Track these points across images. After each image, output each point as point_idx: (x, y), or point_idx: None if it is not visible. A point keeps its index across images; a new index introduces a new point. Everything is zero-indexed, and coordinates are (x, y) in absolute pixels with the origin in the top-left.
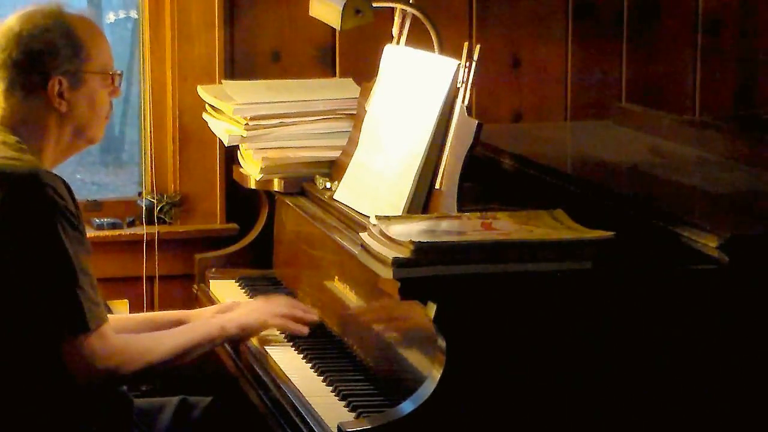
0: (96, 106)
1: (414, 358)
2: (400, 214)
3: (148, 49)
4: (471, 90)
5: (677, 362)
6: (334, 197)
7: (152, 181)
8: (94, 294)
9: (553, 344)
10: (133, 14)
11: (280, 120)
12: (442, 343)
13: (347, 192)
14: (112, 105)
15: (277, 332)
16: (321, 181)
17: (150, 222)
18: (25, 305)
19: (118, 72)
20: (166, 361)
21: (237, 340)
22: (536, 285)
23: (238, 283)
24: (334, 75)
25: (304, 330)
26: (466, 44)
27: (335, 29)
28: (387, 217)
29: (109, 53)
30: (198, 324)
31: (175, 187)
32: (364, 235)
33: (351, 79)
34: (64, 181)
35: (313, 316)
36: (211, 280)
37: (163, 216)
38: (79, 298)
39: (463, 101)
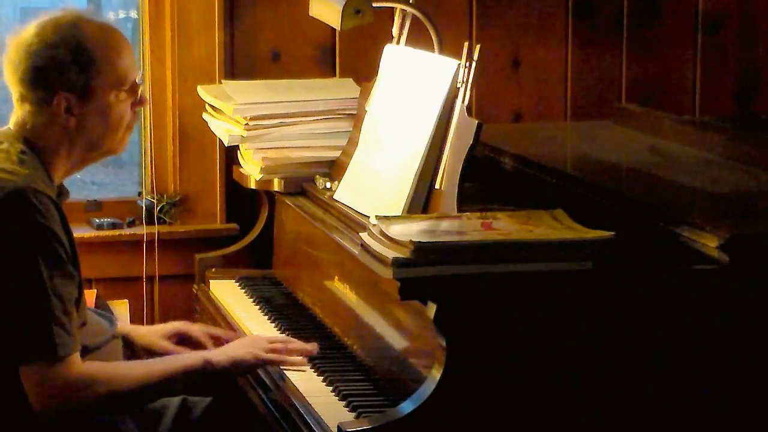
0: (111, 120)
1: (414, 358)
2: (400, 214)
3: (148, 49)
4: (471, 90)
5: (677, 362)
6: (334, 197)
7: (152, 181)
8: (67, 321)
9: (553, 344)
10: (133, 14)
11: (280, 120)
12: (442, 343)
13: (347, 192)
14: (135, 114)
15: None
16: (321, 181)
17: (150, 222)
18: None
19: (137, 81)
20: (135, 390)
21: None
22: (536, 285)
23: (238, 283)
24: (334, 75)
25: (299, 360)
26: (466, 44)
27: (335, 29)
28: (387, 217)
29: (128, 64)
30: (179, 356)
31: (175, 187)
32: (364, 235)
33: (351, 79)
34: (53, 201)
35: (311, 347)
36: (211, 280)
37: (163, 216)
38: (49, 324)
39: (463, 101)
